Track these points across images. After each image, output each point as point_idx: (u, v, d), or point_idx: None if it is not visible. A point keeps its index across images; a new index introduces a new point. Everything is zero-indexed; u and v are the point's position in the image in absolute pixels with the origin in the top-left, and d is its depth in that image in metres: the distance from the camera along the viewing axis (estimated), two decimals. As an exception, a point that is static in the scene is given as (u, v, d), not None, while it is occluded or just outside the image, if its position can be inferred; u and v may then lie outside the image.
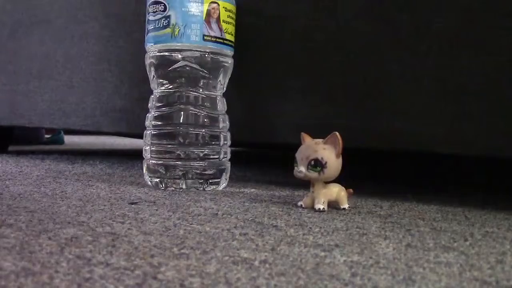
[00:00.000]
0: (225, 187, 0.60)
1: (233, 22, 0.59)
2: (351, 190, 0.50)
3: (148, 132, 0.59)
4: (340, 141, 0.46)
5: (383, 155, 1.31)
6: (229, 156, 0.60)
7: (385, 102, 0.55)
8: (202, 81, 0.58)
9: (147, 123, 0.59)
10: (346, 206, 0.49)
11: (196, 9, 0.55)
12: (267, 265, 0.28)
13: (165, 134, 0.58)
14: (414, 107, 0.53)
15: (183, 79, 0.57)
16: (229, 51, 0.58)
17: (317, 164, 0.46)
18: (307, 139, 0.48)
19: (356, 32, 0.56)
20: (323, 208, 0.47)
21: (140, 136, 0.62)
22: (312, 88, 0.59)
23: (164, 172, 0.57)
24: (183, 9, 0.55)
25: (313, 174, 0.46)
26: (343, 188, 0.49)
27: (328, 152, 0.46)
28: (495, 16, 0.49)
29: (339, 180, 0.48)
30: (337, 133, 0.46)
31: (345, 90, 0.57)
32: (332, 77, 0.58)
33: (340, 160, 0.47)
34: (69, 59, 0.83)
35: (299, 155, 0.47)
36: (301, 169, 0.46)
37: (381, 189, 0.67)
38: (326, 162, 0.46)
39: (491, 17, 0.49)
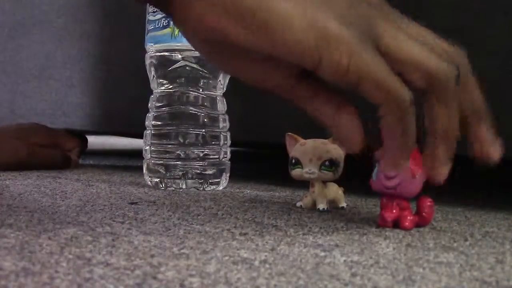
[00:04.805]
0: (225, 187, 0.60)
1: (233, 22, 0.58)
2: (342, 188, 0.50)
3: (148, 132, 0.59)
4: None
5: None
6: (229, 156, 0.60)
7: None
8: (202, 81, 0.58)
9: (147, 123, 0.59)
10: (344, 205, 0.49)
11: (196, 9, 0.55)
12: (267, 265, 0.28)
13: (165, 134, 0.58)
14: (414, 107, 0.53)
15: (183, 79, 0.57)
16: (229, 51, 0.58)
17: (332, 164, 0.46)
18: (300, 140, 0.48)
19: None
20: (327, 208, 0.47)
21: (140, 136, 0.62)
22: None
23: (164, 172, 0.57)
24: (183, 9, 0.55)
25: (327, 175, 0.46)
26: (340, 187, 0.49)
27: (339, 152, 0.46)
28: (495, 16, 0.49)
29: (338, 179, 0.48)
30: None
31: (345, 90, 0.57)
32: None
33: None
34: (69, 59, 0.83)
35: (306, 156, 0.46)
36: (313, 170, 0.46)
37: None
38: (339, 162, 0.46)
39: (491, 17, 0.49)
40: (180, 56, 0.56)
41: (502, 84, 0.49)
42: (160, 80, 0.58)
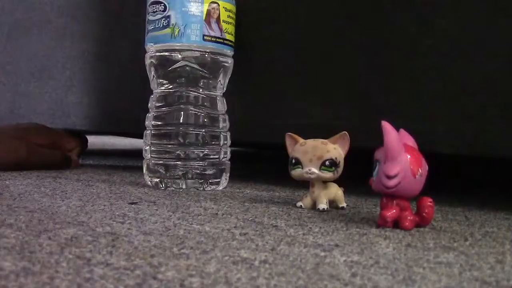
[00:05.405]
0: (225, 187, 0.60)
1: (233, 22, 0.59)
2: (342, 188, 0.51)
3: (148, 132, 0.59)
4: (349, 141, 0.47)
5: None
6: (229, 156, 0.60)
7: (385, 102, 0.55)
8: (202, 81, 0.58)
9: (147, 123, 0.59)
10: (344, 205, 0.49)
11: (196, 9, 0.55)
12: (267, 265, 0.28)
13: (165, 134, 0.58)
14: (414, 107, 0.53)
15: (183, 79, 0.57)
16: (229, 51, 0.58)
17: (333, 164, 0.46)
18: (300, 140, 0.48)
19: (356, 32, 0.56)
20: (327, 208, 0.47)
21: (140, 136, 0.62)
22: (311, 88, 0.59)
23: (164, 172, 0.57)
24: (183, 9, 0.55)
25: (327, 174, 0.46)
26: (340, 187, 0.49)
27: (339, 152, 0.47)
28: (495, 16, 0.49)
29: (338, 179, 0.48)
30: (346, 133, 0.46)
31: (345, 90, 0.57)
32: (332, 77, 0.58)
33: None
34: (69, 59, 0.83)
35: (306, 156, 0.46)
36: (313, 170, 0.46)
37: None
38: (339, 162, 0.46)
39: (491, 17, 0.49)
40: (180, 56, 0.56)
41: (502, 84, 0.49)
42: (160, 80, 0.58)
